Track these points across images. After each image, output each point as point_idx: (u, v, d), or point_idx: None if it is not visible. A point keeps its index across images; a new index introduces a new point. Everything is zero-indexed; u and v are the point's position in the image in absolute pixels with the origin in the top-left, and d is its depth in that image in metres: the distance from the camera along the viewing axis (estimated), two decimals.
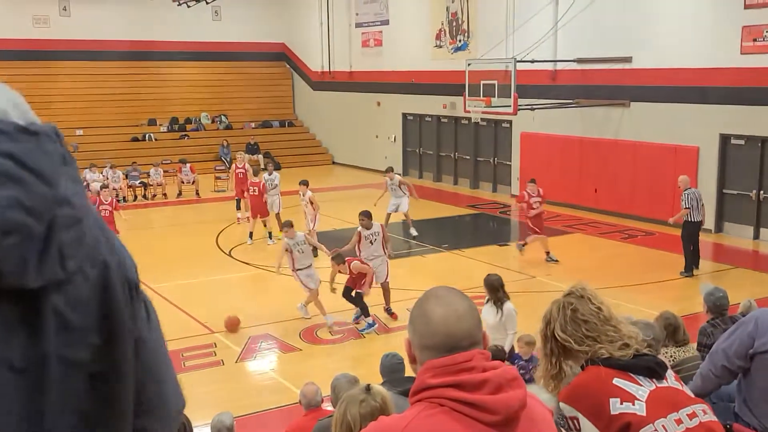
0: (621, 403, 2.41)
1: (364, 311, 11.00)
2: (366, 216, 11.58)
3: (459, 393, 1.74)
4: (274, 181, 17.38)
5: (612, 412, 2.40)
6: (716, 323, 6.02)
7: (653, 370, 2.49)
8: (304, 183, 15.48)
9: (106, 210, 14.18)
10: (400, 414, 1.86)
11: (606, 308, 2.59)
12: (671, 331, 5.55)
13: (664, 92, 17.22)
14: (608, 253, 15.55)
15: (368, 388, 2.86)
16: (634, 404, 2.41)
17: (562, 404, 2.45)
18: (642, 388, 2.44)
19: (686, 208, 13.40)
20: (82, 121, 27.86)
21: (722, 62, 15.92)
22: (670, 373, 2.55)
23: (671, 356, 5.34)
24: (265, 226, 16.68)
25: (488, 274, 8.86)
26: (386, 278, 11.58)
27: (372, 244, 11.47)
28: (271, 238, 16.47)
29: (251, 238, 16.44)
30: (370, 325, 10.89)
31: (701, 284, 6.78)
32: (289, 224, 11.73)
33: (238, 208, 19.01)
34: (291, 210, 17.09)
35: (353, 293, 10.93)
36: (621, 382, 2.45)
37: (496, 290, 8.52)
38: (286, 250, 11.40)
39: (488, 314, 8.47)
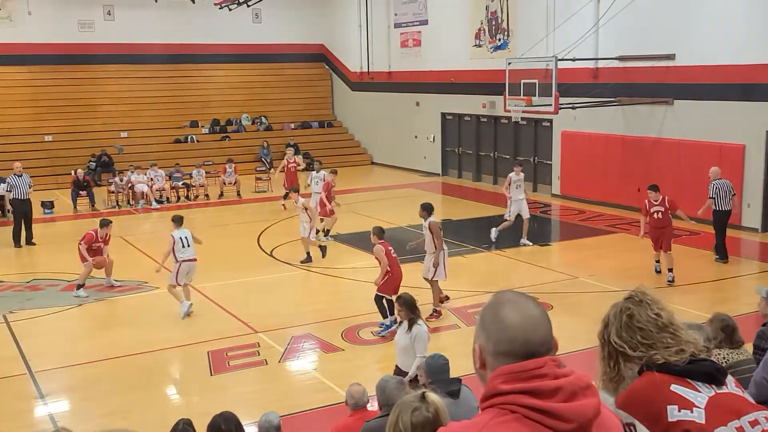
0: (679, 410, 2.34)
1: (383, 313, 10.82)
2: (421, 208, 11.68)
3: (532, 400, 1.73)
4: (319, 180, 17.70)
5: (669, 420, 2.34)
6: None
7: (712, 375, 2.42)
8: (295, 190, 15.42)
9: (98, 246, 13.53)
10: (471, 420, 1.84)
11: (666, 314, 2.53)
12: (729, 332, 5.45)
13: (709, 89, 16.93)
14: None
15: (423, 397, 2.84)
16: (692, 411, 2.34)
17: (618, 411, 2.41)
18: (701, 395, 2.37)
19: (711, 197, 14.08)
20: (126, 124, 28.34)
21: None
22: (730, 379, 2.48)
23: (724, 358, 5.24)
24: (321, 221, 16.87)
25: (403, 293, 8.40)
26: (431, 275, 11.51)
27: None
28: (326, 235, 16.73)
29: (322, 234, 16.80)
30: (387, 327, 10.67)
31: (756, 286, 6.63)
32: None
33: (285, 197, 19.67)
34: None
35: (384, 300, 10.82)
36: (679, 389, 2.38)
37: (413, 309, 7.99)
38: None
39: (400, 335, 8.06)
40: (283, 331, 11.04)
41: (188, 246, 12.04)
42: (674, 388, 2.39)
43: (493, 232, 16.07)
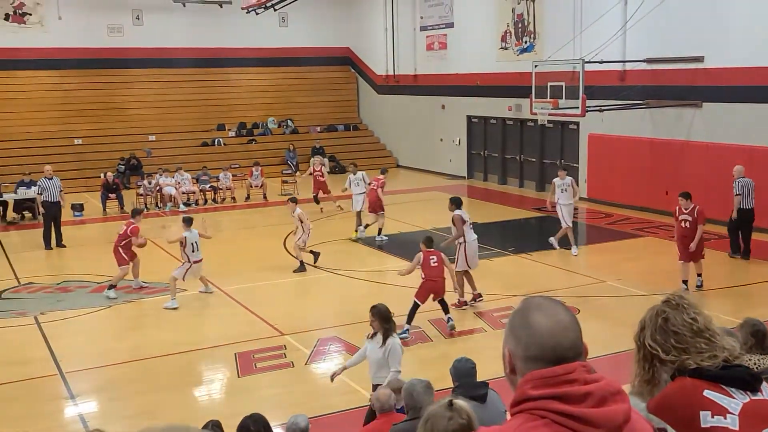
0: (712, 417, 2.32)
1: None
2: (450, 201, 12.52)
3: (562, 405, 1.73)
4: (359, 181, 17.96)
5: (702, 426, 2.32)
6: None
7: (747, 381, 2.39)
8: (293, 200, 15.41)
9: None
10: (501, 426, 1.85)
11: (702, 319, 2.51)
12: (760, 337, 5.38)
13: (738, 92, 16.73)
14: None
15: (451, 404, 2.83)
16: (726, 418, 2.31)
17: (650, 416, 2.40)
18: (735, 401, 2.34)
19: (738, 194, 14.26)
20: (155, 127, 28.63)
21: None
22: (766, 386, 2.44)
23: (755, 363, 5.18)
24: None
25: (378, 304, 7.88)
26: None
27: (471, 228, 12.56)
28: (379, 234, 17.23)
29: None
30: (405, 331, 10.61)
31: None
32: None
33: (317, 202, 20.71)
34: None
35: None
36: (712, 394, 2.36)
37: (387, 320, 7.61)
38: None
39: (373, 349, 7.65)
40: (310, 333, 11.09)
41: (197, 250, 12.89)
42: (707, 393, 2.36)
43: (553, 242, 15.50)
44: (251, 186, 23.41)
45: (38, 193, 17.80)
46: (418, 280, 13.66)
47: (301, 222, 14.64)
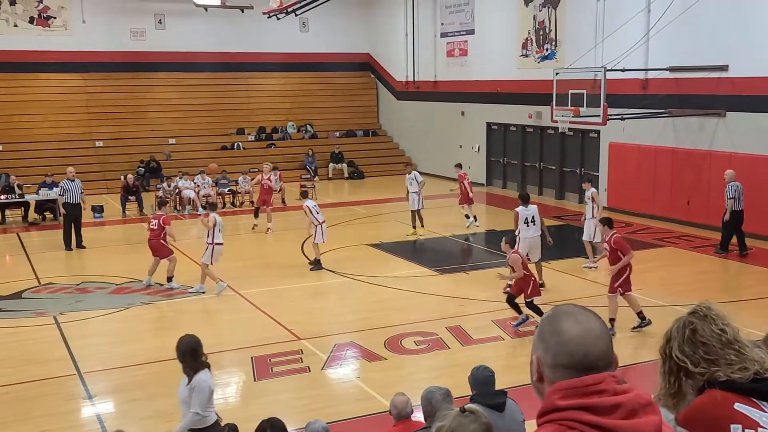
0: (743, 430, 2.27)
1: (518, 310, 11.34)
2: (520, 198, 13.65)
3: (592, 417, 1.69)
4: (412, 180, 18.39)
5: None
6: None
7: None
8: (304, 195, 16.32)
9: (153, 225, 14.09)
10: None
11: (731, 330, 2.46)
12: None
13: (763, 101, 16.55)
14: (702, 268, 15.01)
15: (464, 410, 2.70)
16: (757, 431, 2.27)
17: (679, 428, 2.35)
18: (766, 414, 2.30)
19: (731, 198, 15.11)
20: (175, 130, 28.82)
21: None
22: None
23: None
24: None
25: (182, 337, 6.70)
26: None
27: (528, 225, 13.15)
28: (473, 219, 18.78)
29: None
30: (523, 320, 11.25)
31: None
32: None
33: (256, 215, 19.96)
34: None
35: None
36: (743, 407, 2.31)
37: (194, 355, 6.51)
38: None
39: (181, 387, 6.58)
40: (326, 338, 11.06)
41: (221, 232, 13.83)
42: (738, 406, 2.31)
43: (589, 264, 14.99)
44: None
45: (60, 195, 17.92)
46: (437, 287, 13.65)
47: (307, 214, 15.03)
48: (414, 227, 18.26)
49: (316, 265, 14.95)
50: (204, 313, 12.60)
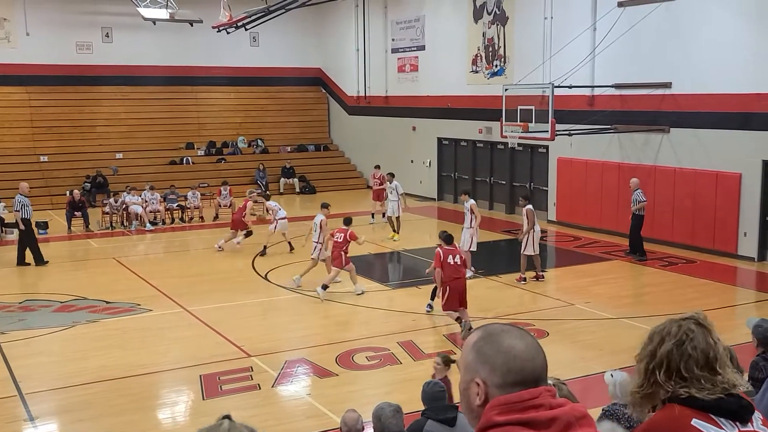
0: None
1: None
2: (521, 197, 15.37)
3: (528, 431, 1.69)
4: (392, 189, 20.01)
5: None
6: (767, 357, 5.84)
7: (736, 412, 2.32)
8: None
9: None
10: None
11: (721, 345, 2.41)
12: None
13: (705, 118, 17.01)
14: (648, 281, 15.31)
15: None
16: None
17: None
18: None
19: (644, 201, 16.43)
20: (122, 145, 28.37)
21: (765, 88, 15.69)
22: (757, 416, 2.37)
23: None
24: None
25: None
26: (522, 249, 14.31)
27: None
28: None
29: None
30: None
31: (748, 318, 6.60)
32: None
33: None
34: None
35: None
36: (700, 424, 2.29)
37: None
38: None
39: None
40: (277, 355, 10.94)
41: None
42: (695, 423, 2.29)
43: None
44: (220, 205, 23.22)
45: (16, 210, 17.35)
46: (386, 302, 13.67)
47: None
48: (395, 231, 19.74)
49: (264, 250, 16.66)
50: (151, 331, 12.36)
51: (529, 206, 14.82)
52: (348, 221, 14.74)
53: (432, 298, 12.73)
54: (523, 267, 14.84)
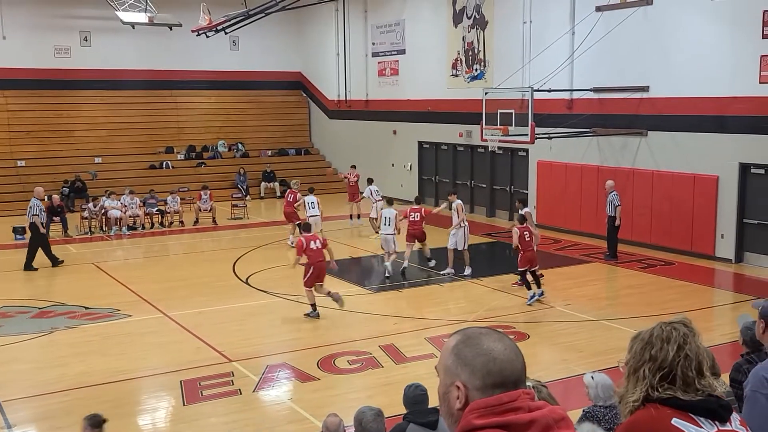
0: None
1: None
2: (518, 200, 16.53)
3: None
4: (372, 192, 21.18)
5: None
6: (752, 358, 5.88)
7: (715, 411, 2.36)
8: (311, 190, 18.09)
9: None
10: None
11: (704, 351, 2.45)
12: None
13: (683, 121, 17.18)
14: (627, 283, 15.42)
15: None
16: None
17: None
18: (702, 431, 2.33)
19: (618, 205, 16.64)
20: (101, 149, 28.17)
21: (741, 91, 15.88)
22: (735, 417, 2.42)
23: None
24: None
25: None
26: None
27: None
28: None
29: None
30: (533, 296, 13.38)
31: (739, 315, 6.64)
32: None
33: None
34: None
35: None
36: (680, 423, 2.33)
37: None
38: None
39: None
40: (258, 359, 10.91)
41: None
42: (675, 422, 2.33)
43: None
44: (200, 210, 23.12)
45: (35, 214, 17.37)
46: (367, 305, 13.69)
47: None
48: (377, 231, 20.36)
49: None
50: (131, 336, 12.27)
51: (527, 209, 15.06)
52: (419, 200, 17.12)
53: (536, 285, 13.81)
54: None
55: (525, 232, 13.79)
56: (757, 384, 3.54)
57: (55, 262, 17.37)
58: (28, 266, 17.01)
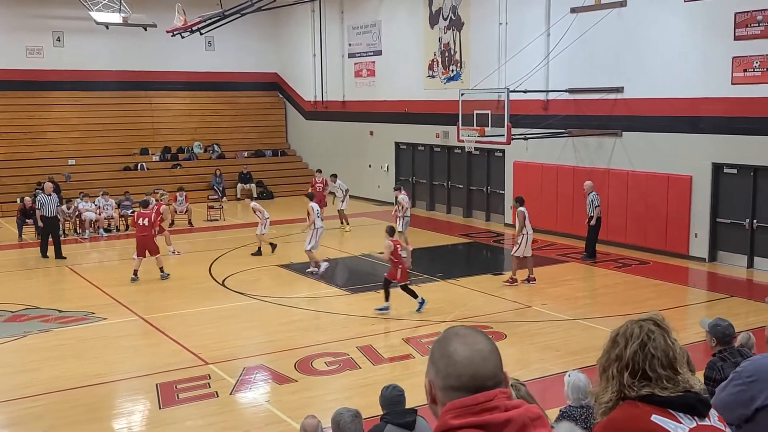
0: None
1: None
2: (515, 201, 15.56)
3: None
4: (337, 189, 22.00)
5: None
6: (725, 356, 5.95)
7: (694, 407, 2.38)
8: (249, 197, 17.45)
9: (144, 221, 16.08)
10: None
11: (678, 345, 2.46)
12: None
13: (656, 122, 17.35)
14: (603, 282, 15.54)
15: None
16: None
17: None
18: (681, 426, 2.34)
19: (598, 206, 16.83)
20: (75, 151, 27.87)
21: (713, 92, 16.07)
22: (713, 413, 2.44)
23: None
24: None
25: None
26: (513, 251, 14.61)
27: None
28: None
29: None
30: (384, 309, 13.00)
31: (701, 318, 6.73)
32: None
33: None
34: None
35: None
36: (659, 419, 2.35)
37: None
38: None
39: None
40: (235, 362, 10.84)
41: (319, 218, 16.61)
42: (655, 418, 2.35)
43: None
44: (176, 212, 22.94)
45: (37, 208, 18.62)
46: (344, 307, 13.69)
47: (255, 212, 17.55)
48: (345, 223, 21.58)
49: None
50: (106, 339, 12.14)
51: (522, 208, 15.00)
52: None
53: (414, 296, 13.21)
54: (514, 269, 15.04)
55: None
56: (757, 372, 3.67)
57: (44, 253, 18.34)
58: (58, 255, 18.19)
